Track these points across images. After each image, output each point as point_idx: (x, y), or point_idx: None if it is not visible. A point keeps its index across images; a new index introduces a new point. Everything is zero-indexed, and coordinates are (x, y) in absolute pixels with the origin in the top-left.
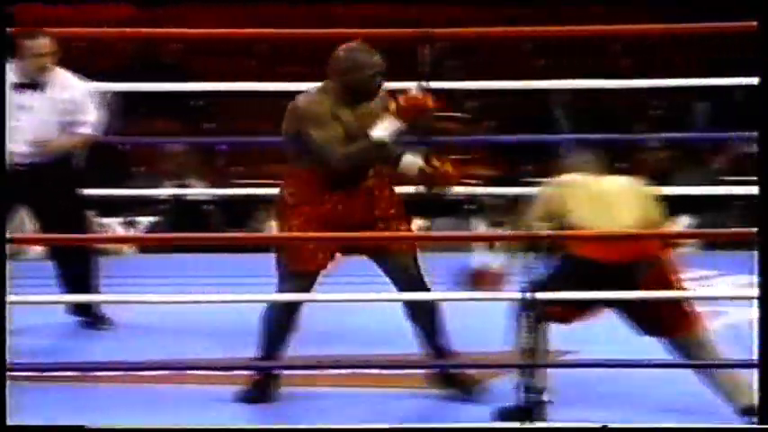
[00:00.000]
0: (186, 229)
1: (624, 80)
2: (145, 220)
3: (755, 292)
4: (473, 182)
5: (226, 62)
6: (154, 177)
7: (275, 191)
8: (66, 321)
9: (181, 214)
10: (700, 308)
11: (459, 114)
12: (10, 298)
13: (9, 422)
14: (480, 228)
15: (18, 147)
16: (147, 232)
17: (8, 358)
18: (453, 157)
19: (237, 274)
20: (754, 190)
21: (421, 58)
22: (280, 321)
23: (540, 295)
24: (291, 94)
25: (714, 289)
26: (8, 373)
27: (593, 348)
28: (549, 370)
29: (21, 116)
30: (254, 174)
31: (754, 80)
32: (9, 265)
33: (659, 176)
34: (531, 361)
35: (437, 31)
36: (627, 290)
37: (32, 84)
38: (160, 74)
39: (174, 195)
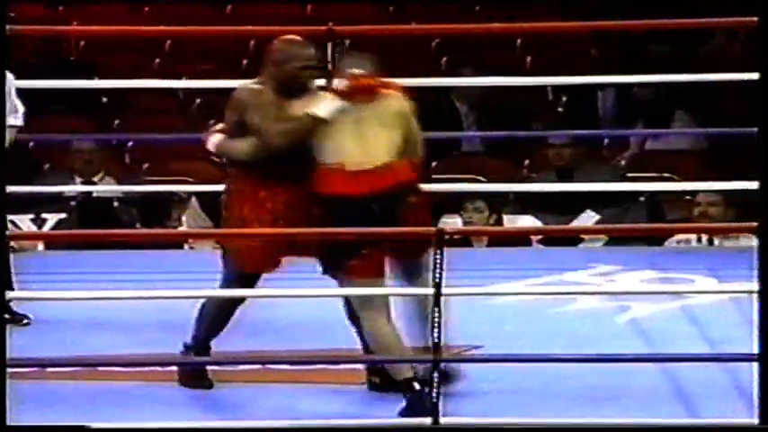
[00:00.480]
0: (96, 226)
1: (528, 77)
2: (53, 217)
3: (756, 288)
4: None
5: (133, 59)
6: (62, 175)
7: (185, 188)
8: None
9: (89, 211)
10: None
11: None
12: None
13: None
14: None
15: None
16: (53, 229)
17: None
18: None
19: (149, 271)
20: (656, 186)
21: (327, 56)
22: (217, 315)
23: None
24: (197, 92)
25: (618, 284)
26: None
27: (501, 343)
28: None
29: None
30: (162, 171)
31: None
32: None
33: (563, 172)
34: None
35: (339, 28)
36: (388, 222)
37: None
38: (67, 71)
39: (82, 192)
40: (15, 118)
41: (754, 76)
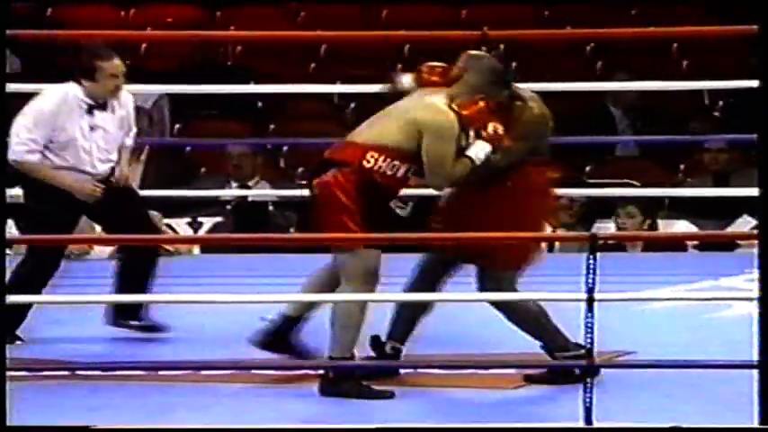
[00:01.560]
0: (251, 230)
1: (684, 81)
2: (210, 221)
3: (756, 291)
4: None
5: (288, 64)
6: (218, 178)
7: None
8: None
9: (245, 215)
10: None
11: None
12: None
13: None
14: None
15: (91, 166)
16: (210, 232)
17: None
18: None
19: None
20: None
21: None
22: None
23: None
24: (351, 96)
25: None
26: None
27: (655, 349)
28: None
29: (93, 136)
30: None
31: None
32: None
33: (720, 177)
34: None
35: (493, 32)
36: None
37: (101, 104)
38: (223, 75)
39: (238, 196)
40: (128, 138)
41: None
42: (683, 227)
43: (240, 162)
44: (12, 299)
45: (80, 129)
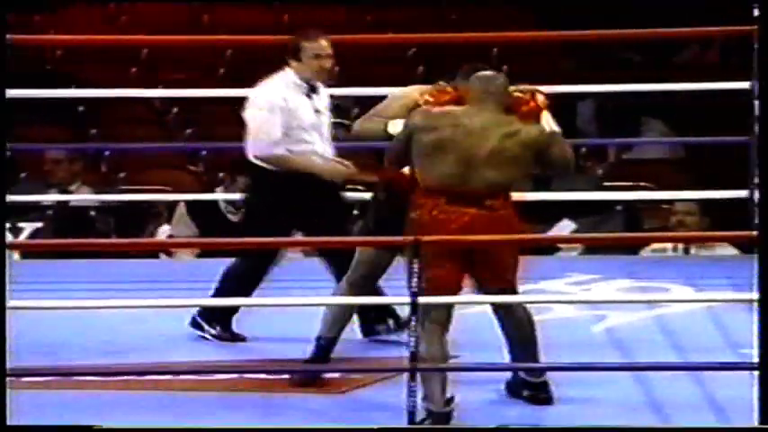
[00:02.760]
0: (72, 235)
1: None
2: (29, 227)
3: (755, 295)
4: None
5: (109, 68)
6: (38, 184)
7: (162, 197)
8: None
9: (66, 220)
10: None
11: (345, 121)
12: (11, 303)
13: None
14: None
15: (323, 150)
16: (29, 238)
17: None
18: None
19: (126, 280)
20: (634, 195)
21: None
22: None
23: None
24: (173, 101)
25: (594, 293)
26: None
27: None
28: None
29: (320, 118)
30: (139, 180)
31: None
32: None
33: (541, 181)
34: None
35: None
36: None
37: (313, 87)
38: (43, 80)
39: (59, 201)
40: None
41: (733, 84)
42: None
43: (54, 168)
44: (12, 303)
45: (308, 112)
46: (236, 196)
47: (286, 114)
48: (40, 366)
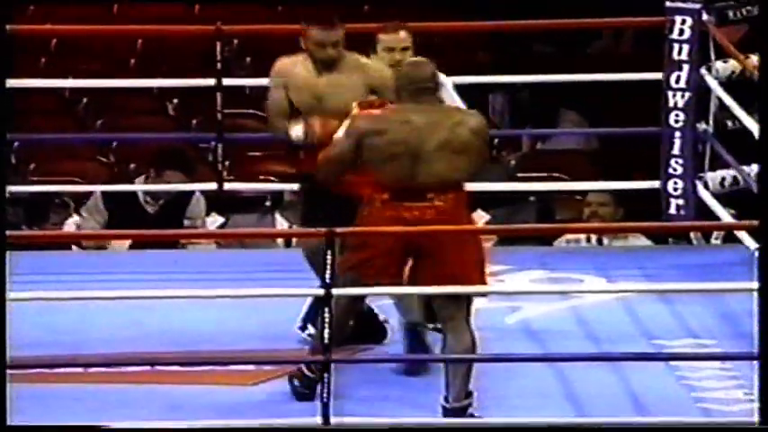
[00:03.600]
0: None
1: None
2: None
3: (755, 284)
4: (272, 178)
5: (18, 58)
6: None
7: (73, 188)
8: None
9: None
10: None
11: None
12: (10, 295)
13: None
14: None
15: None
16: None
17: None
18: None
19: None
20: (546, 186)
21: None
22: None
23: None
24: (83, 91)
25: (508, 284)
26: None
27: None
28: None
29: None
30: (47, 170)
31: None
32: None
33: None
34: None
35: (227, 27)
36: None
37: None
38: None
39: None
40: None
41: (645, 75)
42: None
43: None
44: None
45: None
46: (155, 188)
47: None
48: None
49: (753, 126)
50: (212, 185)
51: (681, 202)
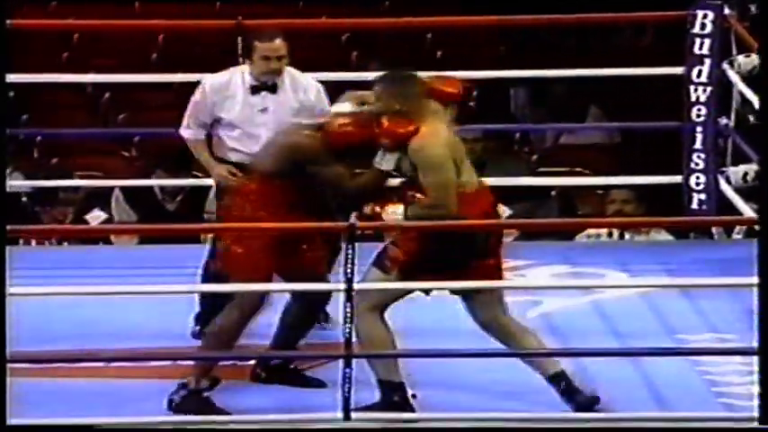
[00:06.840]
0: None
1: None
2: None
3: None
4: None
5: (41, 53)
6: None
7: (95, 183)
8: None
9: None
10: None
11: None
12: (10, 290)
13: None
14: None
15: (253, 149)
16: None
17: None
18: None
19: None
20: (568, 181)
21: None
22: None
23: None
24: (105, 86)
25: (529, 279)
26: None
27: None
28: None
29: (256, 119)
30: (71, 166)
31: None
32: None
33: (475, 166)
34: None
35: (248, 22)
36: None
37: (266, 86)
38: None
39: None
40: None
41: (666, 70)
42: None
43: None
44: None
45: (243, 110)
46: (175, 182)
47: (210, 104)
48: None
49: None
50: None
51: (703, 196)
